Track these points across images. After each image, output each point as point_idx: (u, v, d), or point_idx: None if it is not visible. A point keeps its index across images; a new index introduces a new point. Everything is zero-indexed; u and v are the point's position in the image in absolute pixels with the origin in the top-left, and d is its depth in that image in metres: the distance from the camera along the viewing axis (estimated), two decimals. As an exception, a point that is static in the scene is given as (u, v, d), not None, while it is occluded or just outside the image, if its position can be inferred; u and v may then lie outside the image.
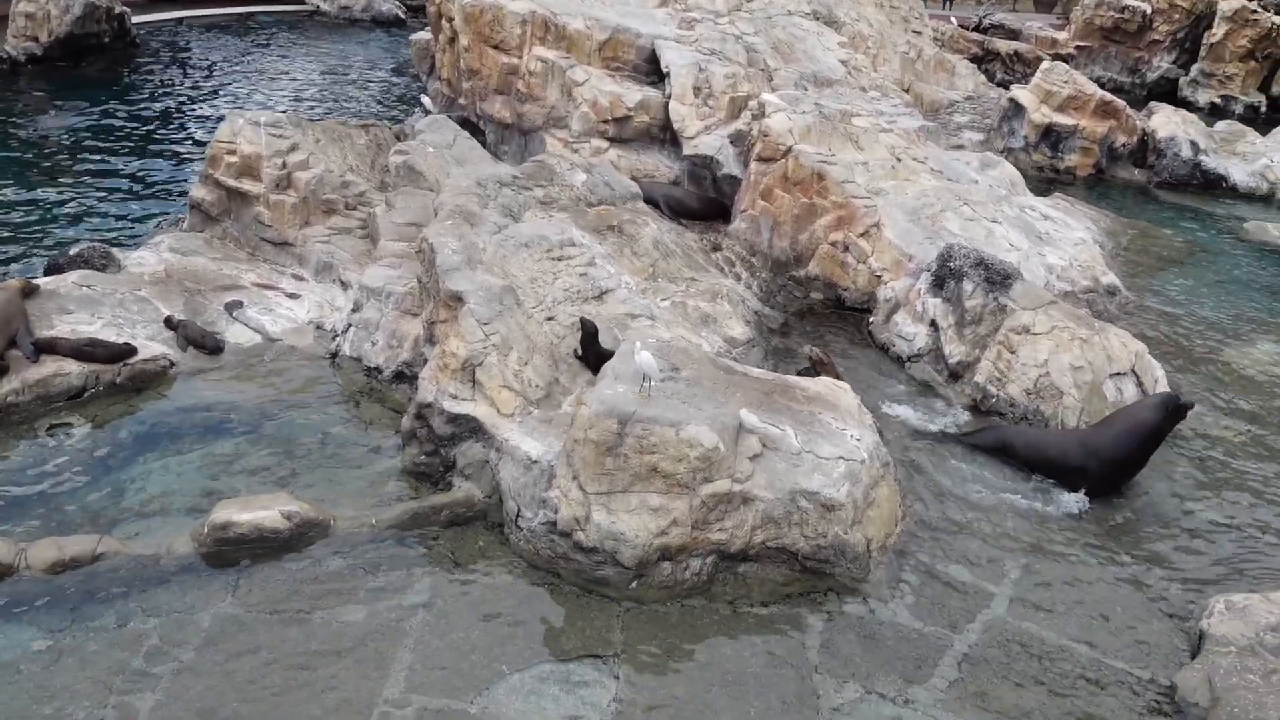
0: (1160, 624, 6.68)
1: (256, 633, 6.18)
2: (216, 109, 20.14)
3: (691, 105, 13.64)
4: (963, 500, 7.87)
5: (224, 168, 11.56)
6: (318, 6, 32.04)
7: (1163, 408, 8.08)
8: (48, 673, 5.82)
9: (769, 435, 7.06)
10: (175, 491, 7.54)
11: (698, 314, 9.86)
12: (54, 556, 6.46)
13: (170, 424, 8.37)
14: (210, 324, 9.75)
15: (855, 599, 6.72)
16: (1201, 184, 17.97)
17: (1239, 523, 7.85)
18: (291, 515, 6.84)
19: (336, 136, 12.92)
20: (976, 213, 11.69)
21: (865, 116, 13.19)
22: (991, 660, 6.27)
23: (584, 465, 6.76)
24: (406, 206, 10.96)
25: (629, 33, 14.39)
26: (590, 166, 11.51)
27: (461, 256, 8.72)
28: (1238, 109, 25.50)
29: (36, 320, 9.01)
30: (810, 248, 11.57)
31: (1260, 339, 11.27)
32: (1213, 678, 5.92)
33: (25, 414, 8.24)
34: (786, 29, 15.91)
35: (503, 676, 5.93)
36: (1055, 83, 18.20)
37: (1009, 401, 9.10)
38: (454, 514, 7.33)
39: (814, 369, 9.01)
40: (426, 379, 7.97)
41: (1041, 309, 9.41)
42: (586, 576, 6.69)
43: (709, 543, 6.72)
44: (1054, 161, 18.18)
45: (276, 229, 11.46)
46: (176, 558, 6.66)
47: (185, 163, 16.89)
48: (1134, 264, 13.33)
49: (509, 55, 14.45)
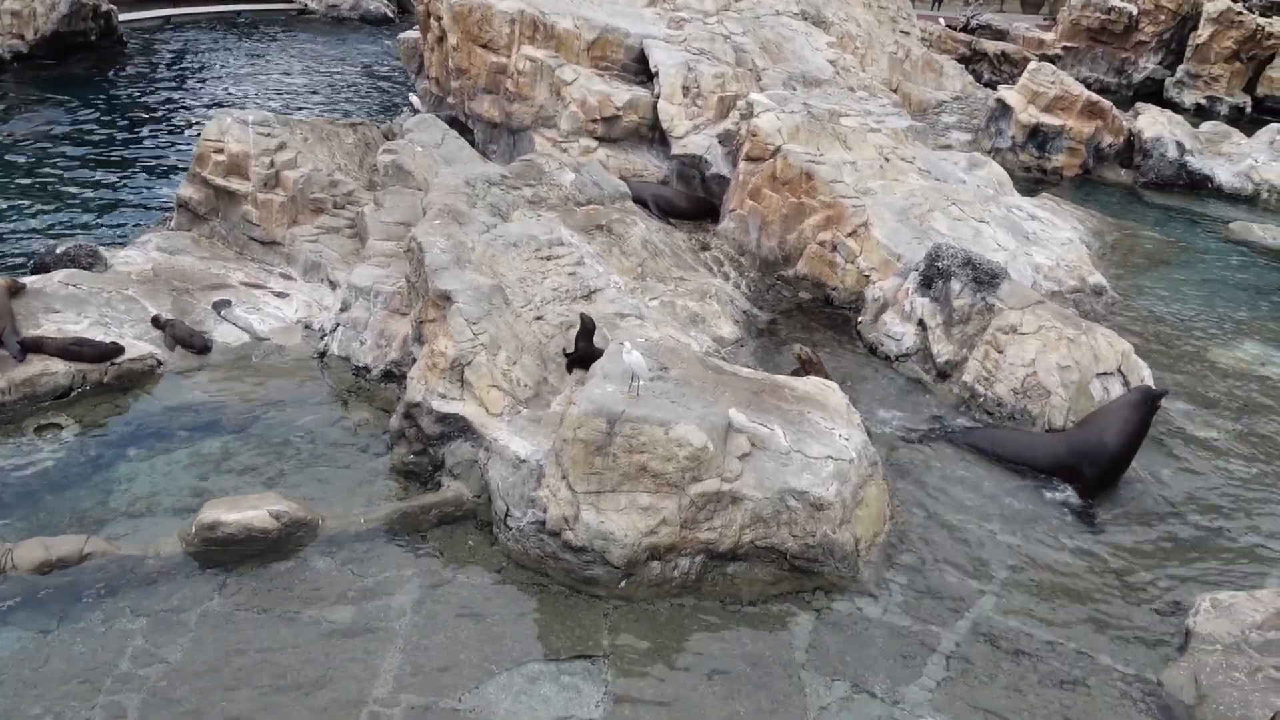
0: (1147, 622, 6.72)
1: (245, 633, 6.16)
2: (204, 108, 20.07)
3: (680, 105, 13.65)
4: (951, 499, 7.90)
5: (211, 166, 11.52)
6: (306, 5, 31.96)
7: (1144, 403, 8.14)
8: (35, 673, 5.79)
9: (758, 435, 7.07)
10: (163, 491, 7.52)
11: (686, 313, 9.87)
12: (41, 557, 6.43)
13: (158, 423, 8.34)
14: (198, 323, 9.72)
15: (844, 598, 6.74)
16: (1187, 184, 18.09)
17: (1225, 521, 7.90)
18: (280, 515, 6.83)
19: (324, 135, 12.89)
20: (964, 212, 11.74)
21: (853, 116, 13.22)
22: (979, 658, 6.30)
23: (573, 464, 6.76)
24: (395, 206, 10.94)
25: (618, 32, 14.40)
26: (579, 166, 11.51)
27: (450, 256, 8.71)
28: (1223, 110, 25.67)
29: (23, 319, 8.96)
30: (799, 247, 11.59)
31: (1245, 338, 11.35)
32: (1199, 675, 5.96)
33: (12, 413, 8.19)
34: (775, 29, 15.94)
35: (492, 675, 5.93)
36: (1042, 83, 18.29)
37: (996, 401, 9.13)
38: (443, 513, 7.32)
39: (803, 368, 9.03)
40: (415, 378, 7.97)
41: (1029, 309, 9.45)
42: (575, 576, 6.70)
43: (698, 542, 6.73)
44: (1041, 161, 18.27)
45: (264, 228, 11.43)
46: (164, 558, 6.63)
47: (172, 161, 16.83)
48: (1120, 264, 13.40)
49: (497, 54, 14.45)
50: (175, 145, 17.80)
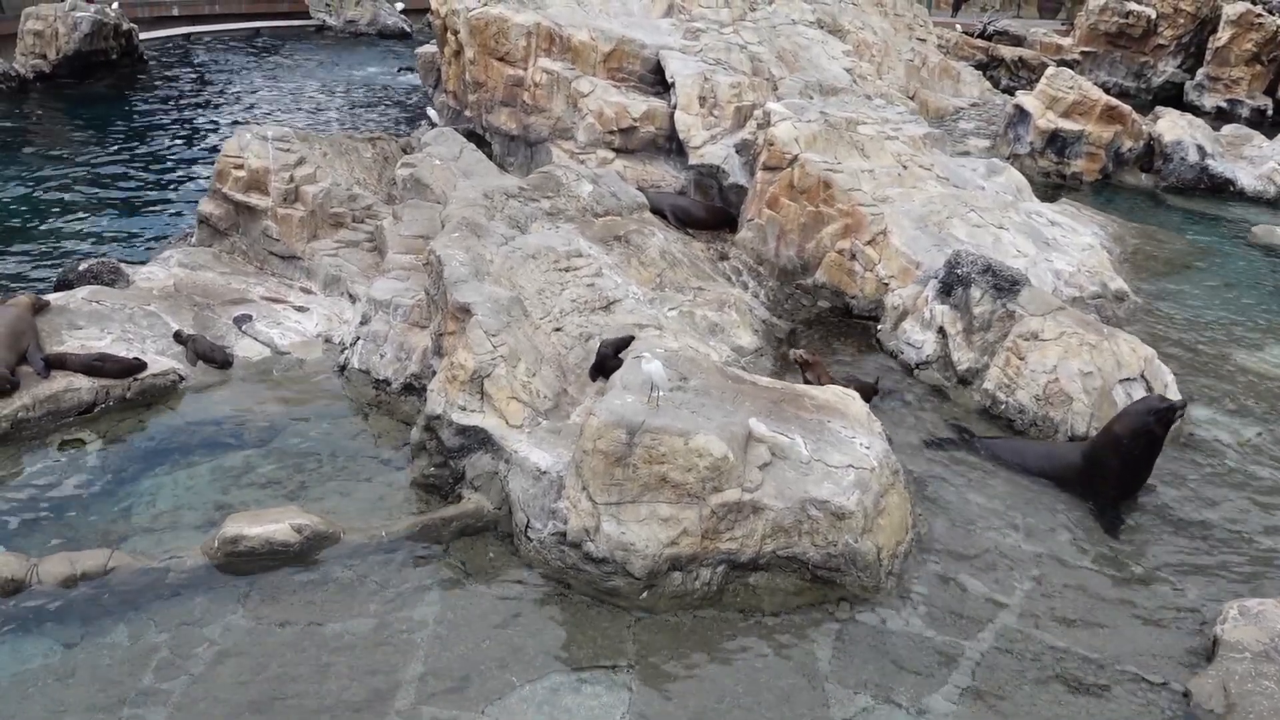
0: (1174, 630, 6.65)
1: (267, 645, 6.19)
2: (223, 124, 20.25)
3: (697, 115, 13.66)
4: (972, 508, 7.84)
5: (231, 182, 11.62)
6: (323, 21, 32.21)
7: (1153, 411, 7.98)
8: (61, 686, 5.83)
9: (778, 444, 7.05)
10: (186, 505, 7.56)
11: (705, 323, 9.86)
12: (66, 571, 6.47)
13: (180, 438, 8.40)
14: (219, 338, 9.78)
15: (866, 608, 6.70)
16: (1209, 188, 17.93)
17: (1251, 527, 7.81)
18: (301, 528, 6.85)
19: (343, 150, 12.98)
20: (983, 219, 11.68)
21: (871, 124, 13.19)
22: (1004, 668, 6.24)
23: (593, 475, 6.76)
24: (414, 219, 10.99)
25: (634, 43, 14.43)
26: (596, 177, 11.53)
27: (469, 268, 8.74)
28: (1244, 112, 25.45)
29: (46, 336, 9.05)
30: (817, 256, 11.57)
31: (1270, 342, 11.23)
32: (1227, 684, 5.89)
33: (36, 429, 8.27)
34: (791, 38, 15.94)
35: (514, 687, 5.93)
36: (1060, 88, 18.19)
37: (1018, 408, 9.08)
38: (464, 525, 7.33)
39: (801, 372, 9.00)
40: (435, 391, 7.99)
41: (1050, 315, 9.39)
42: (597, 587, 6.69)
43: (719, 552, 6.71)
44: (1060, 167, 18.16)
45: (284, 242, 11.50)
46: (187, 571, 6.67)
47: (193, 178, 16.98)
48: (1142, 268, 13.29)
49: (514, 67, 14.51)
50: (196, 162, 17.96)
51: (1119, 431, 7.94)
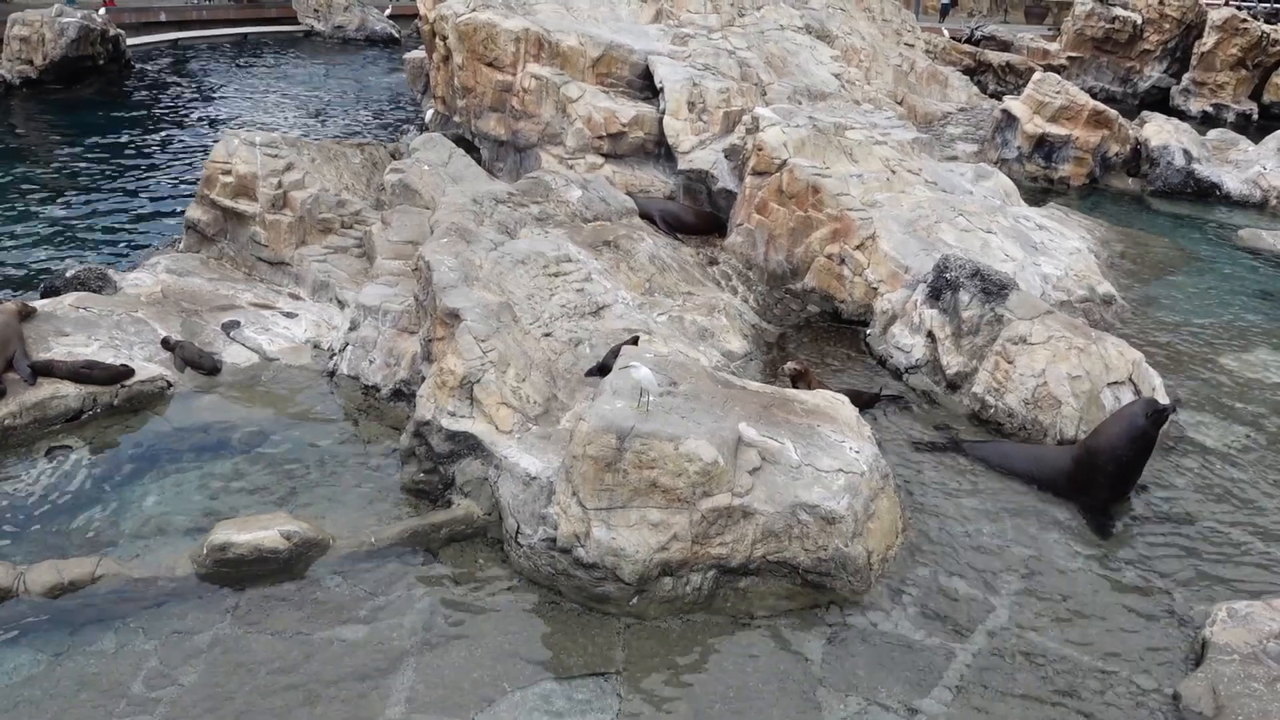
0: (1163, 632, 6.67)
1: (257, 653, 6.15)
2: (211, 129, 20.20)
3: (686, 120, 13.69)
4: (963, 511, 7.86)
5: (219, 188, 11.59)
6: (312, 27, 32.20)
7: (1146, 413, 8.03)
8: (47, 696, 5.79)
9: (768, 448, 7.05)
10: (174, 512, 7.52)
11: (695, 328, 9.87)
12: (53, 579, 6.43)
13: (168, 445, 8.36)
14: (208, 344, 9.75)
15: (857, 612, 6.70)
16: (1195, 192, 18.06)
17: (1240, 530, 7.84)
18: (291, 535, 6.82)
19: (332, 155, 12.96)
20: (972, 223, 11.73)
21: (859, 129, 13.24)
22: (995, 671, 6.25)
23: (583, 481, 6.75)
24: (402, 224, 10.98)
25: (622, 49, 14.46)
26: (585, 182, 11.53)
27: (458, 274, 8.73)
28: (1230, 117, 25.66)
29: (33, 343, 9.00)
30: (806, 260, 11.59)
31: (1256, 345, 11.30)
32: (1217, 686, 5.91)
33: (23, 437, 8.22)
34: (779, 43, 15.99)
35: (504, 694, 5.91)
36: (1047, 93, 18.30)
37: (1007, 412, 9.10)
38: (454, 531, 7.31)
39: (793, 382, 9.02)
40: (424, 397, 7.97)
41: (1038, 319, 9.42)
42: (587, 593, 6.67)
43: (709, 557, 6.70)
44: (1048, 171, 18.27)
45: (273, 248, 11.48)
46: (175, 579, 6.63)
47: (181, 183, 16.94)
48: (1129, 273, 13.37)
49: (503, 72, 14.52)
50: (183, 167, 17.91)
51: (1112, 434, 7.97)
